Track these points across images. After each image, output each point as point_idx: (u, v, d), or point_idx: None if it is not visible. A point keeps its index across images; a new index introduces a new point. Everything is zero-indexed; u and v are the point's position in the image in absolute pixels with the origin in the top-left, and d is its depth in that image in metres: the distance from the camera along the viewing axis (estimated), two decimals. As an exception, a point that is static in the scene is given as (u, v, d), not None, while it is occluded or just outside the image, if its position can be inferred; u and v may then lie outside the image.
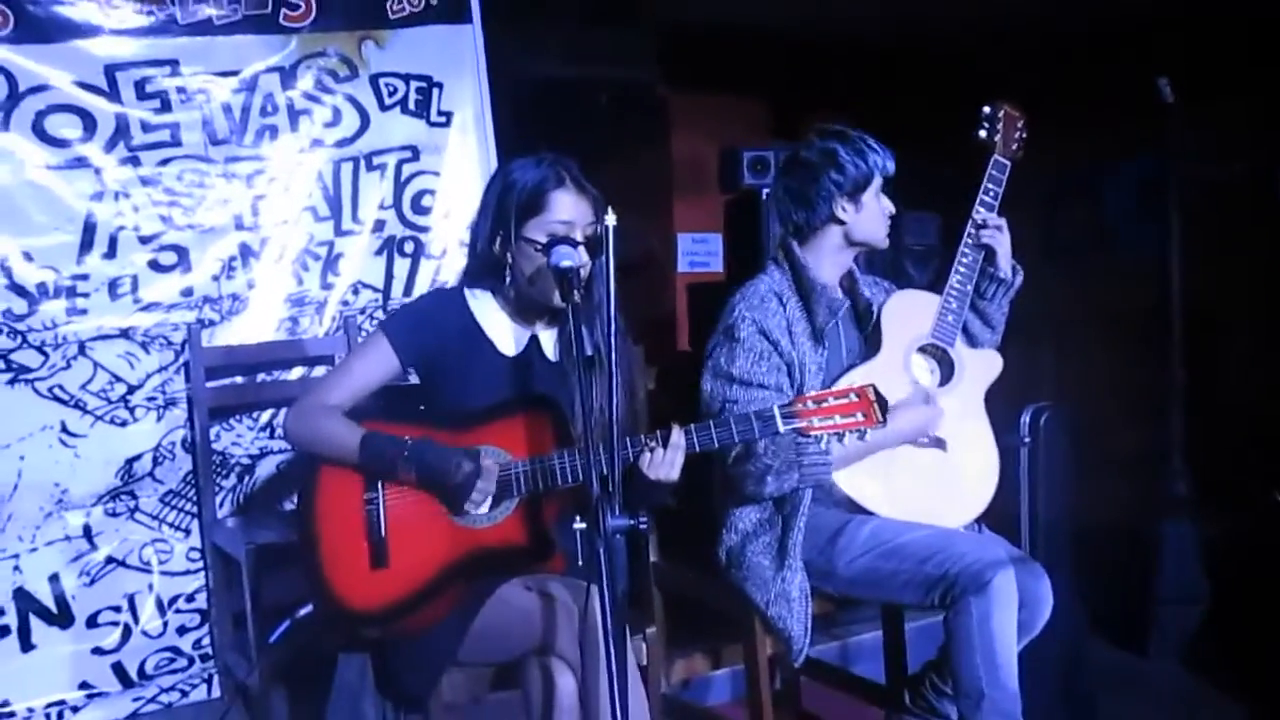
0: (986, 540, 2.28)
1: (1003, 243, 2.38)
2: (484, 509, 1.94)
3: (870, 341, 2.38)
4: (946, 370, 2.38)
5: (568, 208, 2.03)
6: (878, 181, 2.34)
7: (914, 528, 2.24)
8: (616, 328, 1.79)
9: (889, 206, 2.38)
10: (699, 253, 5.33)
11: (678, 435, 1.91)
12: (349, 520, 1.96)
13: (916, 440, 2.31)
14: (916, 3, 4.41)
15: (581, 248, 1.98)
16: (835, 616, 3.21)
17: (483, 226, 2.09)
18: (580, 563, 1.68)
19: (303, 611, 2.00)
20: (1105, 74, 4.31)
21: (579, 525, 1.64)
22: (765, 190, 3.55)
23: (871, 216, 2.35)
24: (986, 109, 2.41)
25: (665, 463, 1.90)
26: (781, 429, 1.91)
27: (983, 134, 2.40)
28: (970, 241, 2.38)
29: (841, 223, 2.34)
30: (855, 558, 2.23)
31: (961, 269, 2.37)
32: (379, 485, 1.98)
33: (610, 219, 1.67)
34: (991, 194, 2.39)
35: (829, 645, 3.19)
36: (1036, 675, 2.58)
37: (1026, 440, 2.95)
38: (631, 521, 1.60)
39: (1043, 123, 2.54)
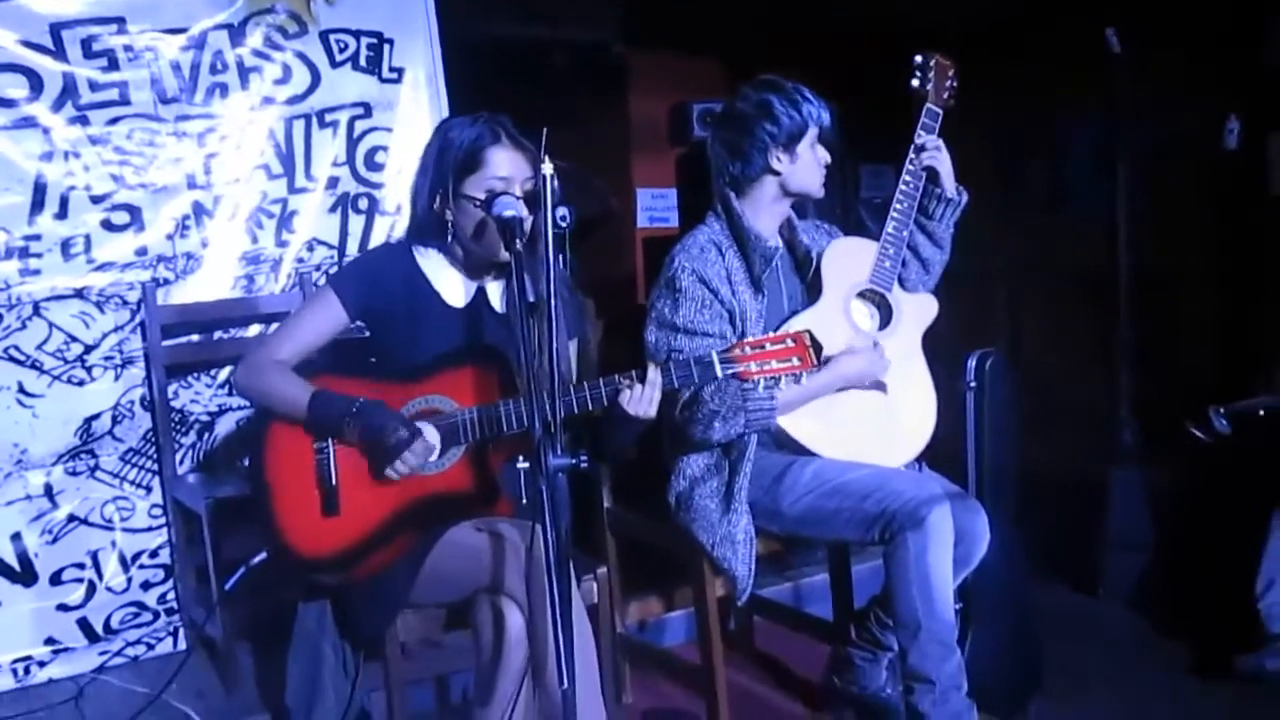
0: (924, 478, 2.35)
1: (944, 162, 2.45)
2: (433, 457, 1.99)
3: (811, 288, 2.44)
4: (885, 315, 2.45)
5: (504, 163, 2.06)
6: (813, 132, 2.37)
7: (855, 467, 2.31)
8: (558, 275, 1.83)
9: (825, 157, 2.41)
10: (658, 208, 5.36)
11: (654, 373, 1.97)
12: (301, 469, 2.01)
13: (859, 384, 2.37)
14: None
15: (521, 202, 2.01)
16: (787, 560, 3.29)
17: (422, 186, 2.12)
18: (524, 501, 1.73)
19: (257, 559, 2.04)
20: (1056, 26, 4.34)
21: (522, 465, 1.70)
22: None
23: (806, 167, 2.39)
24: (918, 59, 2.47)
25: (644, 399, 1.96)
26: (720, 374, 1.97)
27: (915, 83, 2.46)
28: (910, 169, 2.43)
29: (776, 173, 2.38)
30: (799, 498, 2.30)
31: (897, 215, 2.42)
32: (329, 437, 2.02)
33: (547, 167, 1.71)
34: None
35: (782, 587, 3.28)
36: (983, 614, 2.67)
37: (972, 384, 3.02)
38: (573, 460, 1.65)
39: (999, 80, 2.59)
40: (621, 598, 2.73)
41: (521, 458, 1.70)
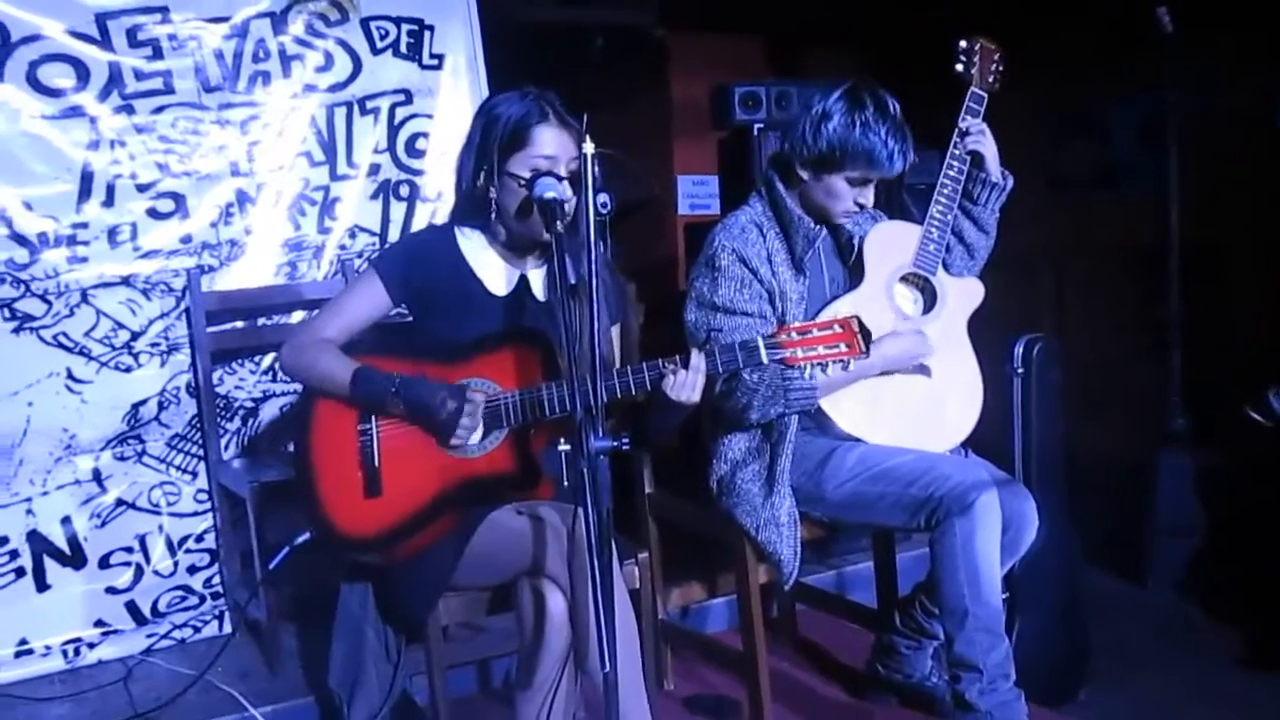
0: (970, 463, 2.32)
1: (989, 146, 2.40)
2: (475, 439, 1.99)
3: (853, 272, 2.41)
4: (929, 299, 2.41)
5: (551, 142, 2.04)
6: (853, 172, 2.26)
7: (900, 452, 2.28)
8: (599, 256, 1.82)
9: (862, 198, 2.31)
10: (699, 195, 5.32)
11: (697, 358, 1.95)
12: (344, 451, 2.02)
13: (902, 368, 2.34)
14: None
15: (566, 183, 2.00)
16: (830, 546, 3.27)
17: (467, 163, 2.11)
18: (565, 484, 1.73)
19: (300, 539, 2.05)
20: (1108, 5, 4.26)
21: (563, 447, 1.69)
22: (758, 126, 3.55)
23: (828, 194, 2.30)
24: (963, 43, 2.42)
25: (687, 385, 1.94)
26: (765, 359, 1.94)
27: (959, 67, 2.42)
28: (955, 152, 2.39)
29: (801, 181, 2.33)
30: (843, 482, 2.28)
31: (943, 198, 2.38)
32: (372, 417, 2.03)
33: (588, 147, 1.69)
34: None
35: (825, 574, 3.25)
36: (1030, 601, 2.64)
37: (1019, 370, 2.98)
38: (614, 443, 1.64)
39: (1046, 57, 2.54)
40: (663, 584, 2.72)
41: (563, 440, 1.69)
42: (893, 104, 2.27)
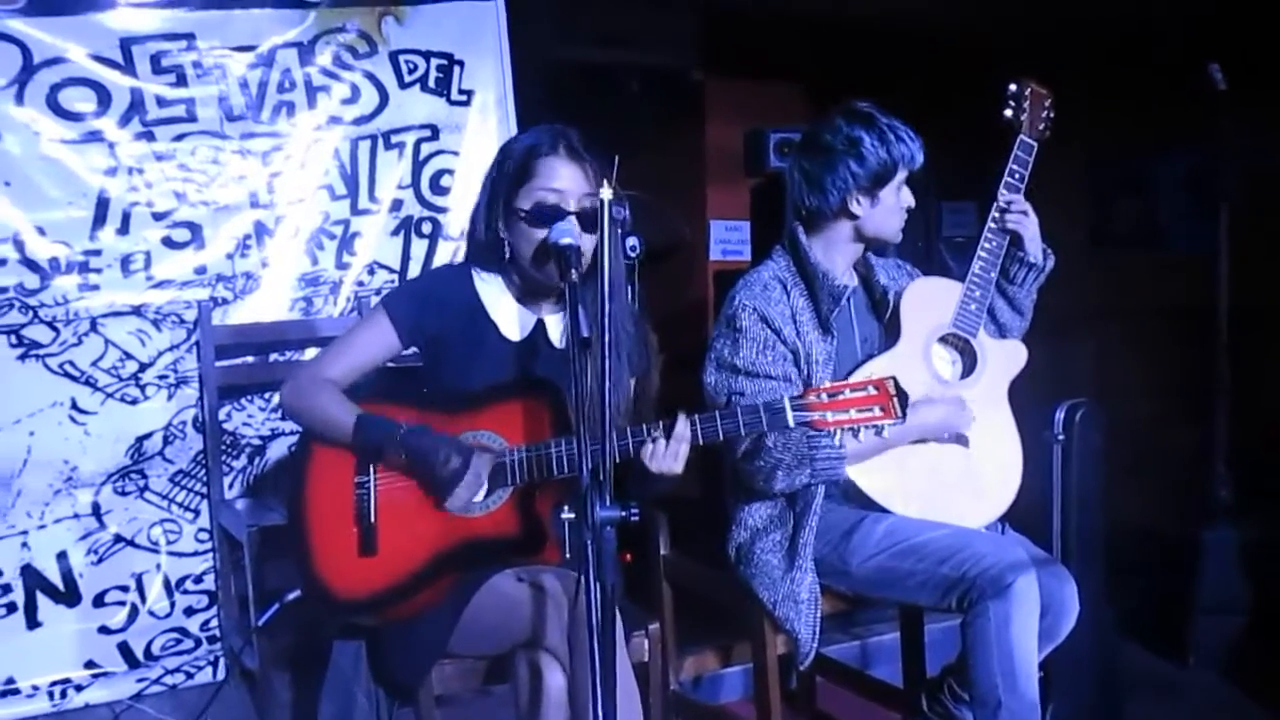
0: (1008, 542, 2.17)
1: (1029, 227, 2.27)
2: (478, 497, 1.88)
3: (888, 331, 2.28)
4: (969, 361, 2.28)
5: (558, 174, 1.94)
6: (901, 175, 2.21)
7: (932, 526, 2.14)
8: (624, 307, 1.70)
9: (908, 200, 2.24)
10: (731, 240, 5.24)
11: (682, 425, 1.82)
12: (339, 504, 1.92)
13: (938, 436, 2.21)
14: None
15: (573, 218, 1.90)
16: (854, 616, 3.13)
17: (481, 202, 2.02)
18: (568, 554, 1.61)
19: (291, 595, 1.95)
20: (1154, 60, 4.16)
21: (567, 515, 1.57)
22: (794, 174, 3.46)
23: (887, 212, 2.22)
24: (1012, 87, 2.30)
25: (668, 454, 1.81)
26: (792, 422, 1.82)
27: (1008, 113, 2.30)
28: (994, 225, 2.27)
29: (854, 216, 2.23)
30: (870, 556, 2.14)
31: (984, 255, 2.26)
32: (370, 469, 1.93)
33: (605, 193, 1.59)
34: (1017, 175, 2.28)
35: (848, 645, 3.11)
36: (1066, 683, 2.50)
37: (1060, 438, 2.85)
38: (622, 513, 1.52)
39: (1088, 110, 2.43)
40: (676, 651, 2.59)
41: (566, 507, 1.57)
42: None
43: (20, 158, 2.71)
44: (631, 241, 3.26)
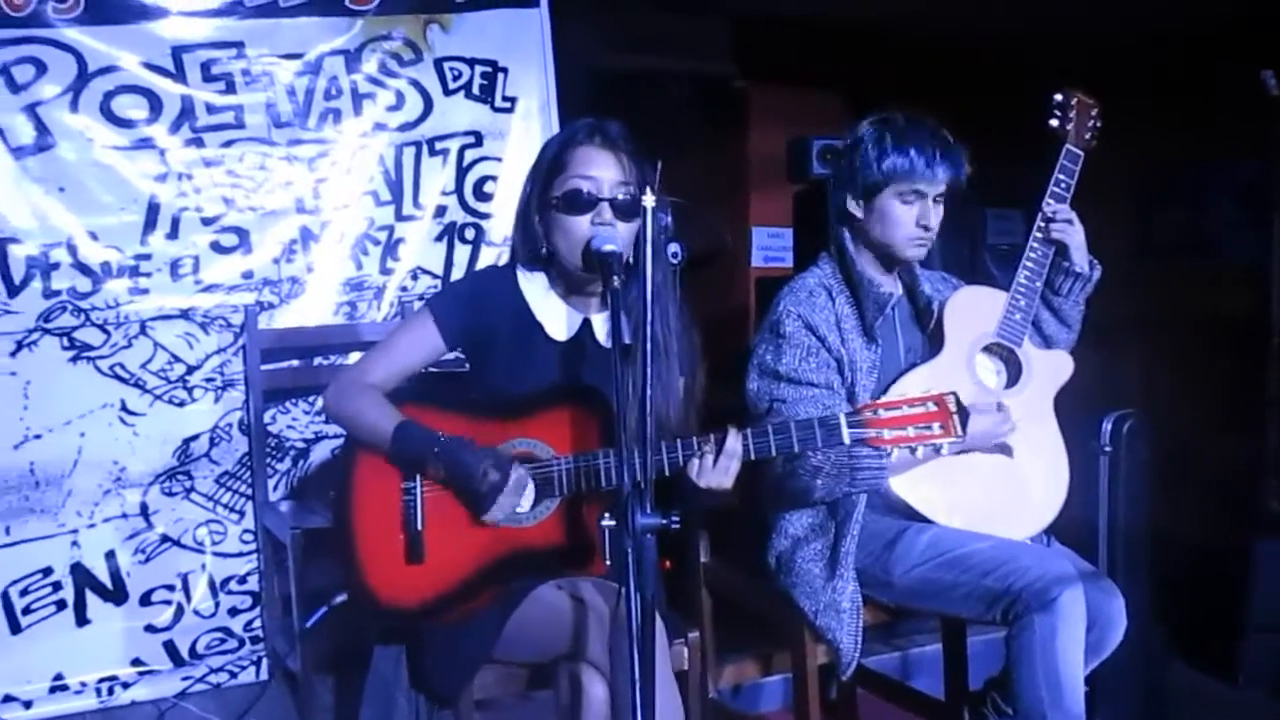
0: (1054, 554, 2.14)
1: (1074, 236, 2.24)
2: (523, 508, 1.86)
3: (932, 340, 2.25)
4: (1013, 371, 2.25)
5: (590, 161, 1.92)
6: (897, 187, 2.15)
7: (976, 538, 2.11)
8: (674, 308, 1.67)
9: (924, 217, 2.16)
10: (773, 247, 5.23)
11: (733, 441, 1.78)
12: (386, 511, 1.89)
13: (983, 447, 2.18)
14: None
15: (606, 206, 1.88)
16: (895, 627, 3.09)
17: (521, 200, 2.01)
18: (608, 562, 1.60)
19: (338, 599, 1.95)
20: (1205, 67, 4.09)
21: (608, 523, 1.55)
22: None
23: (889, 222, 2.17)
24: (1058, 96, 2.27)
25: (718, 470, 1.78)
26: (847, 439, 1.78)
27: (1054, 122, 2.26)
28: (1040, 235, 2.24)
29: (854, 218, 2.21)
30: (912, 567, 2.12)
31: (1030, 264, 2.23)
32: (417, 475, 1.91)
33: (649, 200, 1.58)
34: (1063, 185, 2.25)
35: (888, 656, 3.08)
36: (1110, 699, 2.46)
37: (1107, 449, 2.82)
38: (663, 521, 1.51)
39: (1136, 118, 2.39)
40: (715, 659, 2.57)
41: (608, 514, 1.56)
42: (928, 120, 2.18)
43: (74, 164, 2.76)
44: (674, 248, 3.24)
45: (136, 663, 2.85)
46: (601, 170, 1.92)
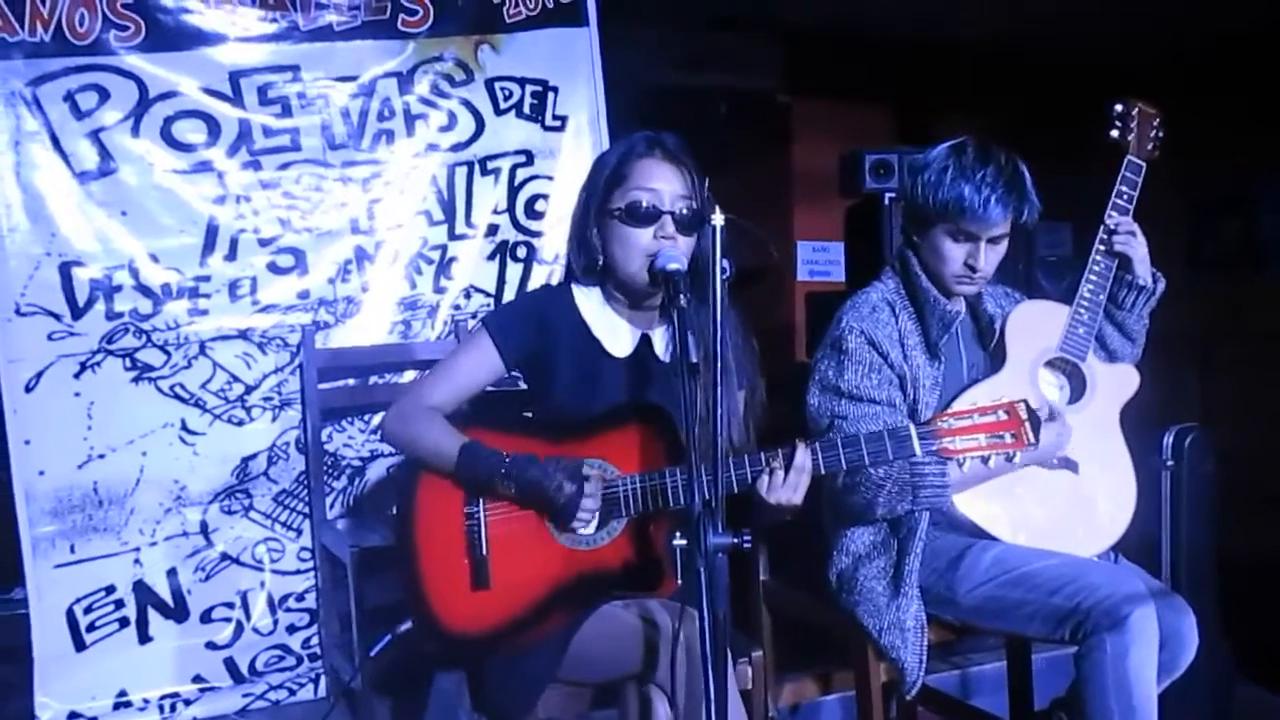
0: (1123, 572, 2.10)
1: (1137, 248, 2.21)
2: (590, 528, 1.85)
3: (994, 355, 2.22)
4: (1077, 386, 2.22)
5: (653, 174, 1.91)
6: (947, 225, 2.11)
7: (1042, 555, 2.08)
8: (734, 320, 1.65)
9: (974, 257, 2.11)
10: (819, 261, 5.22)
11: (802, 455, 1.76)
12: (449, 535, 1.87)
13: (1045, 461, 2.15)
14: (1049, 3, 4.21)
15: (669, 219, 1.88)
16: (956, 645, 3.05)
17: (577, 213, 2.01)
18: (679, 581, 1.59)
19: (403, 627, 1.92)
20: (1260, 77, 4.03)
21: (679, 542, 1.54)
22: (888, 195, 3.42)
23: (936, 255, 2.14)
24: (1118, 107, 2.24)
25: (788, 486, 1.76)
26: (918, 451, 1.76)
27: (1114, 134, 2.23)
28: (1102, 248, 2.21)
29: (914, 244, 2.19)
30: (977, 585, 2.09)
31: (1093, 277, 2.20)
32: (479, 499, 1.88)
33: (717, 219, 1.57)
34: (1125, 197, 2.22)
35: (949, 674, 3.03)
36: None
37: (1169, 463, 2.77)
38: (735, 539, 1.50)
39: (1190, 129, 2.35)
40: (774, 678, 2.55)
41: (679, 534, 1.55)
42: (1002, 155, 2.11)
43: (136, 188, 2.81)
44: (723, 263, 3.25)
45: (198, 679, 2.88)
46: (663, 183, 1.92)
